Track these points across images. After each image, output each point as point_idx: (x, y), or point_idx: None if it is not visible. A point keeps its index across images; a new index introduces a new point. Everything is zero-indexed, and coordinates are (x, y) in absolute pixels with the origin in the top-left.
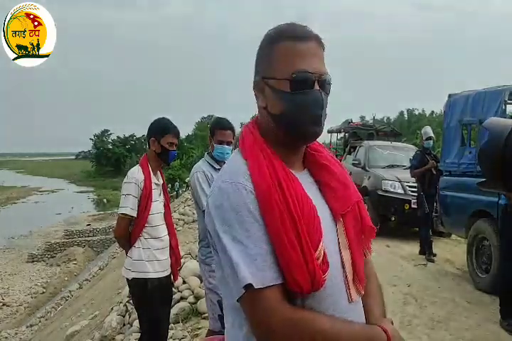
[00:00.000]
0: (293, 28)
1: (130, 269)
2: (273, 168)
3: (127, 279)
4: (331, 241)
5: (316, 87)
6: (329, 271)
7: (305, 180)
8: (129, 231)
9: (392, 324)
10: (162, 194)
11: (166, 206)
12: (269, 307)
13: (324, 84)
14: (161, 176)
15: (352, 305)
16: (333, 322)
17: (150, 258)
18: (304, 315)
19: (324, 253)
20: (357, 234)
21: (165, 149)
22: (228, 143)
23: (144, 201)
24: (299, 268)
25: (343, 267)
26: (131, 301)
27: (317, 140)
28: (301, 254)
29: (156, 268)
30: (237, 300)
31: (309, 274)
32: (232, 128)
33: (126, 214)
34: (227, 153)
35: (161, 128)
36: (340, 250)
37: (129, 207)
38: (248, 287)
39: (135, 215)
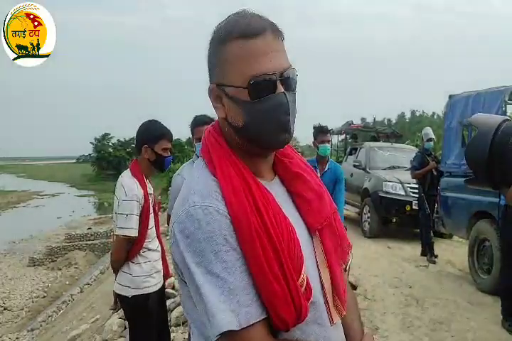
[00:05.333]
0: (242, 21)
1: (129, 286)
2: (248, 186)
3: (125, 297)
4: (308, 259)
5: (280, 88)
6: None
7: (277, 190)
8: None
9: (373, 338)
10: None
11: (154, 213)
12: None
13: (289, 81)
14: (151, 183)
15: (333, 328)
16: None
17: (151, 271)
18: None
19: (307, 278)
20: (335, 247)
21: (160, 156)
22: None
23: (145, 217)
24: (284, 303)
25: (323, 286)
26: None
27: (328, 143)
28: (286, 287)
29: (157, 279)
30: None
31: (295, 308)
32: (210, 122)
33: (130, 236)
34: None
35: (154, 134)
36: (318, 268)
37: (133, 228)
38: (226, 332)
39: (137, 235)
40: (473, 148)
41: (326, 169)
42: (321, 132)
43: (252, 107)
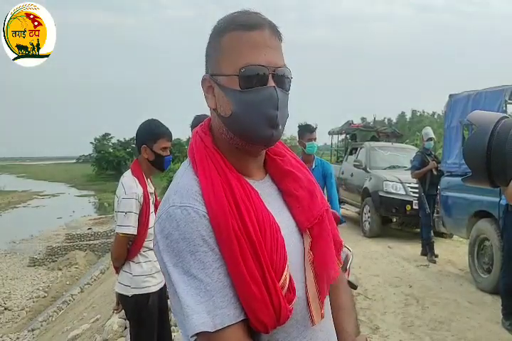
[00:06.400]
0: (241, 15)
1: (129, 285)
2: (229, 184)
3: (126, 296)
4: (296, 258)
5: (271, 82)
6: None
7: (267, 189)
8: (127, 249)
9: (366, 340)
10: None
11: (155, 210)
12: None
13: (282, 79)
14: (152, 183)
15: (319, 329)
16: None
17: (152, 271)
18: None
19: (290, 279)
20: (327, 246)
21: (159, 156)
22: None
23: (145, 216)
24: (263, 305)
25: (306, 287)
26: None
27: (315, 141)
28: (264, 289)
29: (158, 279)
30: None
31: (274, 311)
32: None
33: (128, 234)
34: None
35: (152, 133)
36: (304, 267)
37: (131, 226)
38: (201, 333)
39: (136, 233)
40: (471, 144)
41: (313, 167)
42: (307, 131)
43: (240, 96)
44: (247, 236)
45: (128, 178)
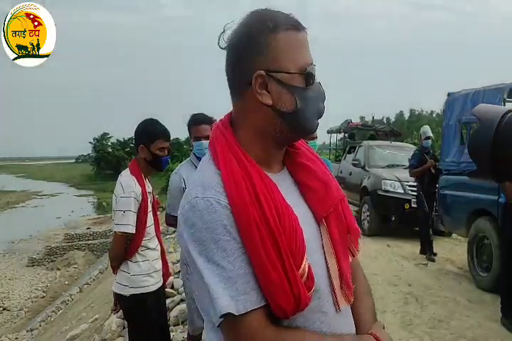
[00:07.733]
0: (285, 15)
1: (127, 285)
2: (249, 177)
3: (124, 296)
4: (315, 247)
5: (317, 79)
6: (315, 283)
7: (284, 182)
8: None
9: (384, 327)
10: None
11: (154, 212)
12: (250, 332)
13: None
14: (150, 182)
15: (340, 315)
16: (320, 339)
17: (150, 271)
18: (287, 337)
19: (309, 267)
20: (342, 234)
21: (156, 156)
22: (206, 138)
23: (143, 215)
24: (282, 292)
25: (329, 274)
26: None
27: (316, 139)
28: (284, 276)
29: (156, 278)
30: (217, 325)
31: (294, 297)
32: (207, 122)
33: (127, 233)
34: (206, 148)
35: (150, 133)
36: (325, 256)
37: (130, 224)
38: (227, 315)
39: (134, 231)
40: (476, 139)
41: None
42: None
43: (304, 93)
44: (267, 225)
45: (126, 177)
